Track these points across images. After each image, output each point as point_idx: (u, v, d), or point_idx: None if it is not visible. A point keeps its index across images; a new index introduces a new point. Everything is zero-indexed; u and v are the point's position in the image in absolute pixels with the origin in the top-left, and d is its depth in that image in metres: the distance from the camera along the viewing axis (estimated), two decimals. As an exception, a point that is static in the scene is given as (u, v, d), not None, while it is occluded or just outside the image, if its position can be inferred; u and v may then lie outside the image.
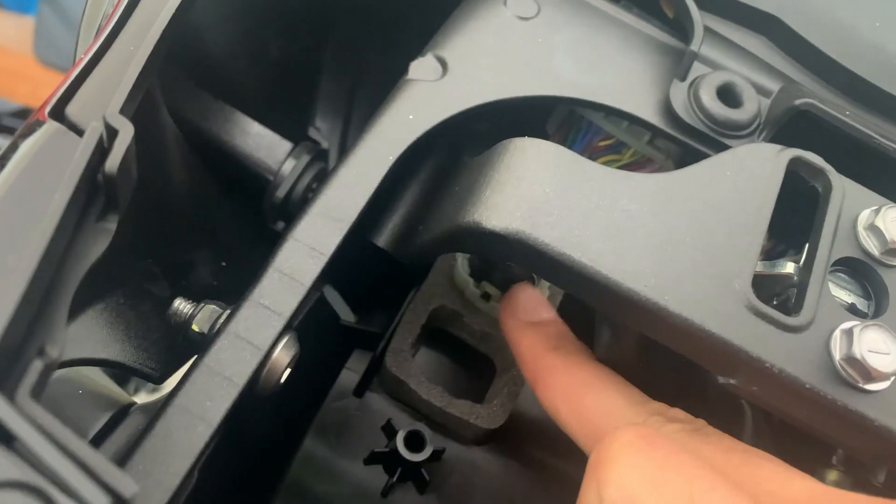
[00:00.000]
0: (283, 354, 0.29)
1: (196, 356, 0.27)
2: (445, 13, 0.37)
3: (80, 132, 0.23)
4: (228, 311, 0.28)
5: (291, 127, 0.44)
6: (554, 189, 0.28)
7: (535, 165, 0.29)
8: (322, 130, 0.46)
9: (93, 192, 0.22)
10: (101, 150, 0.22)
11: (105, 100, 0.24)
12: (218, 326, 0.28)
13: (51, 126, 0.23)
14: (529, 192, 0.28)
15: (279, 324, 0.28)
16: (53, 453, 0.17)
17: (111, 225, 0.22)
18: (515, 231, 0.28)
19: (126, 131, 0.22)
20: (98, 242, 0.22)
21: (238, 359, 0.27)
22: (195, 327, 0.30)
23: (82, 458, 0.17)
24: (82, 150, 0.21)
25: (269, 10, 0.44)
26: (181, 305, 0.30)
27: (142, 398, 0.55)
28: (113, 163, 0.22)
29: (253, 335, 0.27)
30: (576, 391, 0.30)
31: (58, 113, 0.24)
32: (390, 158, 0.31)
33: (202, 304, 0.30)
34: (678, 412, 0.28)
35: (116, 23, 0.28)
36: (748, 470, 0.26)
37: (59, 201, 0.20)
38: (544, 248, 0.28)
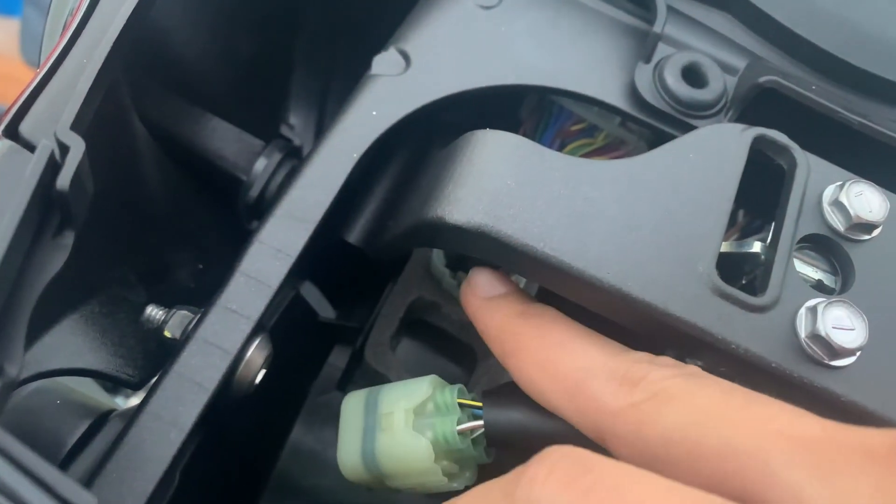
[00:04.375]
0: (256, 356, 0.29)
1: (167, 363, 0.28)
2: (414, 5, 0.37)
3: (32, 149, 0.23)
4: (199, 316, 0.29)
5: (263, 125, 0.44)
6: (515, 181, 0.29)
7: (496, 158, 0.29)
8: (296, 127, 0.46)
9: (47, 210, 0.22)
10: (54, 167, 0.22)
11: (58, 114, 0.24)
12: (188, 332, 0.29)
13: (4, 144, 0.23)
14: (491, 184, 0.28)
15: (247, 327, 0.28)
16: (11, 474, 0.17)
17: (67, 241, 0.22)
18: (478, 224, 0.28)
19: (77, 147, 0.22)
20: (55, 259, 0.22)
21: (208, 364, 0.27)
22: (167, 333, 0.30)
23: (42, 477, 0.18)
24: (32, 169, 0.21)
25: (238, 8, 0.44)
26: (153, 312, 0.31)
27: (134, 401, 0.56)
28: (64, 179, 0.22)
29: (222, 339, 0.28)
30: (549, 352, 0.27)
31: (11, 130, 0.24)
32: (354, 156, 0.31)
33: (174, 310, 0.31)
34: (666, 359, 0.26)
35: (73, 31, 0.28)
36: (753, 410, 0.23)
37: (9, 220, 0.20)
38: (507, 241, 0.28)
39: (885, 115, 0.36)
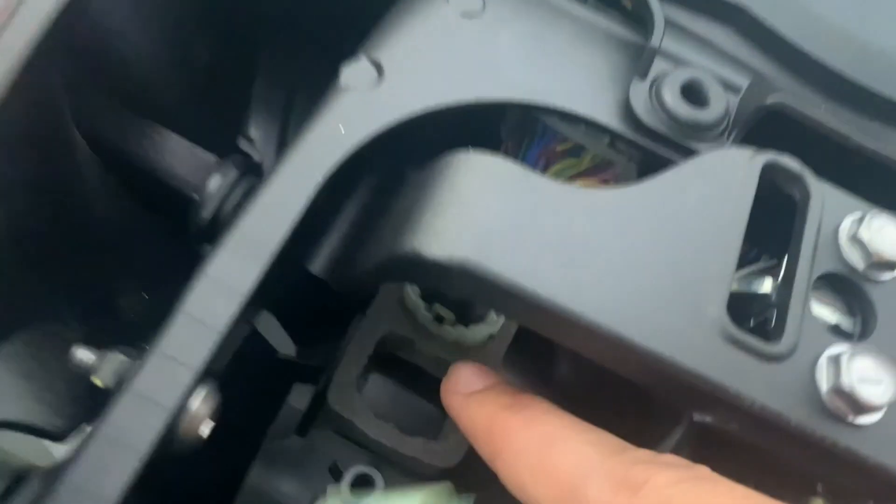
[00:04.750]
0: (201, 409, 0.26)
1: (96, 420, 0.24)
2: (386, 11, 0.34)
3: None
4: (134, 365, 0.25)
5: (220, 139, 0.40)
6: (503, 211, 0.25)
7: (481, 184, 0.26)
8: (256, 141, 0.42)
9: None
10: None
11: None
12: (121, 382, 0.25)
13: None
14: (475, 215, 0.25)
15: (189, 377, 0.24)
16: None
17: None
18: (461, 260, 0.24)
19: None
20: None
21: (141, 422, 0.23)
22: (98, 381, 0.26)
23: None
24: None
25: (194, 13, 0.40)
26: (83, 355, 0.27)
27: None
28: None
29: (158, 393, 0.24)
30: (540, 448, 0.24)
31: None
32: (318, 178, 0.28)
33: (107, 353, 0.27)
34: (671, 457, 0.23)
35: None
36: None
37: None
38: (494, 279, 0.24)
39: (897, 141, 0.33)
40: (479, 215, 0.25)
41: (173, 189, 0.36)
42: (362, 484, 0.34)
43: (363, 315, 0.36)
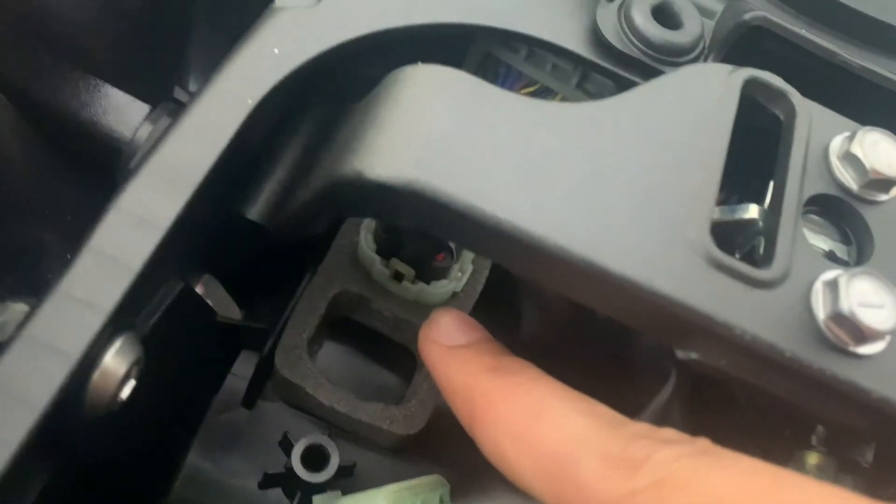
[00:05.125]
0: (116, 363, 0.22)
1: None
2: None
3: None
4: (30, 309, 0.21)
5: (156, 90, 0.36)
6: (454, 125, 0.22)
7: (429, 96, 0.23)
8: (195, 91, 0.38)
9: None
10: None
11: None
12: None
13: None
14: (423, 129, 0.22)
15: (97, 321, 0.21)
16: None
17: None
18: (407, 180, 0.21)
19: None
20: None
21: (38, 372, 0.20)
22: (-5, 335, 0.22)
23: None
24: None
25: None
26: (-21, 308, 0.23)
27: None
28: None
29: (60, 339, 0.20)
30: (526, 419, 0.22)
31: None
32: (249, 102, 0.25)
33: (8, 305, 0.23)
34: (670, 432, 0.21)
35: None
36: (782, 497, 0.18)
37: None
38: (445, 201, 0.21)
39: (884, 66, 0.31)
40: (429, 130, 0.22)
41: (98, 139, 0.33)
42: (315, 457, 0.31)
43: (314, 273, 0.33)
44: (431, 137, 0.22)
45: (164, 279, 0.26)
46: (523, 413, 0.22)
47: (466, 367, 0.25)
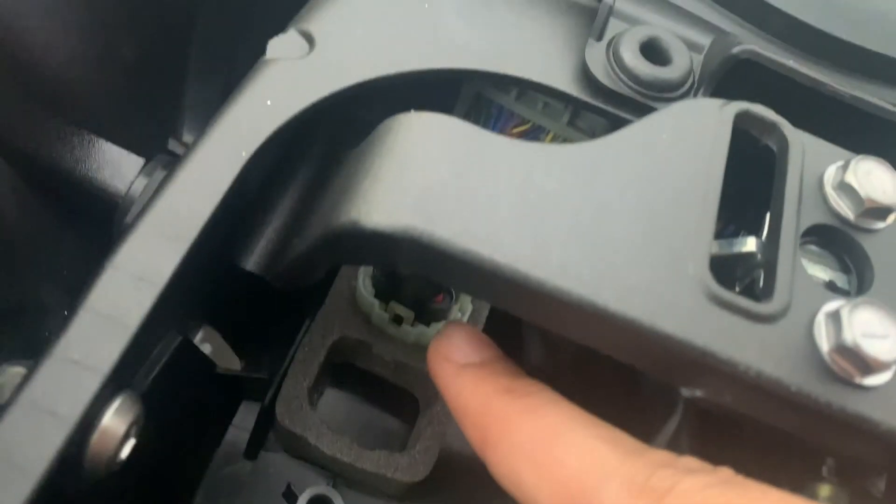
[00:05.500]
0: (115, 423, 0.22)
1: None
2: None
3: None
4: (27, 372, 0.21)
5: (151, 143, 0.37)
6: (450, 170, 0.22)
7: (424, 143, 0.23)
8: (189, 145, 0.39)
9: None
10: None
11: None
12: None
13: None
14: (419, 176, 0.22)
15: (94, 383, 0.20)
16: None
17: None
18: (404, 228, 0.21)
19: None
20: None
21: (35, 438, 0.19)
22: (-8, 399, 0.22)
23: None
24: None
25: (115, 7, 0.37)
26: (-24, 372, 0.23)
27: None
28: None
29: (56, 402, 0.20)
30: (544, 443, 0.21)
31: None
32: (243, 155, 0.25)
33: (5, 368, 0.23)
34: (691, 461, 0.21)
35: None
36: None
37: None
38: (444, 247, 0.21)
39: (871, 93, 0.31)
40: (423, 177, 0.22)
41: (94, 194, 0.33)
42: (320, 507, 0.30)
43: (313, 320, 0.33)
44: (426, 184, 0.22)
45: (163, 334, 0.26)
46: (542, 437, 0.22)
47: (480, 388, 0.24)
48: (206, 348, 0.31)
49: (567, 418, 0.22)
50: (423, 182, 0.22)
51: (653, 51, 0.30)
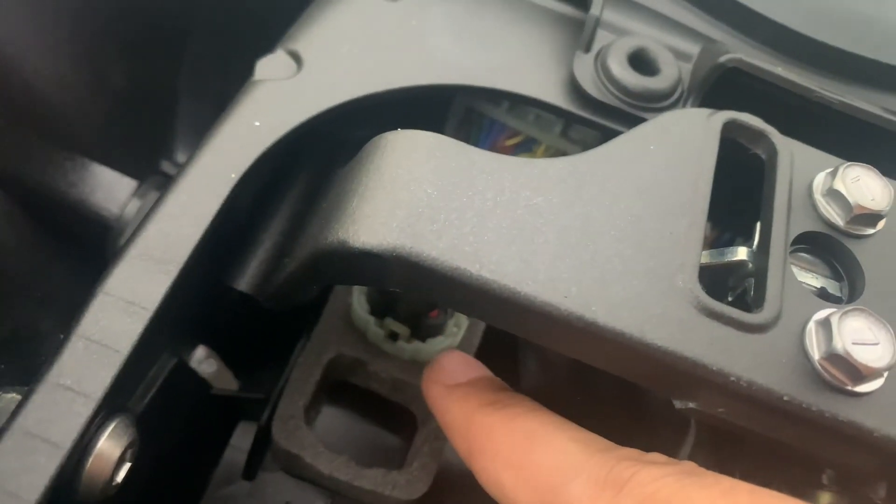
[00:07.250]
0: (110, 446, 0.22)
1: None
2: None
3: None
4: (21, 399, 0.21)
5: (143, 165, 0.37)
6: (437, 188, 0.22)
7: (410, 161, 0.23)
8: (182, 164, 0.39)
9: None
10: None
11: None
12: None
13: None
14: (406, 195, 0.22)
15: (87, 409, 0.20)
16: None
17: None
18: (392, 246, 0.21)
19: None
20: None
21: (28, 465, 0.19)
22: (-15, 427, 0.22)
23: None
24: None
25: (106, 30, 0.37)
26: (-30, 399, 0.23)
27: None
28: None
29: (49, 429, 0.20)
30: (520, 447, 0.23)
31: None
32: (232, 176, 0.25)
33: (-1, 395, 0.23)
34: (657, 456, 0.22)
35: None
36: None
37: None
38: (432, 265, 0.21)
39: (859, 97, 0.31)
40: (411, 196, 0.22)
41: (88, 217, 0.33)
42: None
43: (308, 339, 0.33)
44: (413, 203, 0.22)
45: (157, 357, 0.26)
46: (520, 442, 0.23)
47: (465, 403, 0.26)
48: (202, 370, 0.31)
49: (542, 423, 0.23)
50: (409, 200, 0.22)
51: (641, 61, 0.30)
